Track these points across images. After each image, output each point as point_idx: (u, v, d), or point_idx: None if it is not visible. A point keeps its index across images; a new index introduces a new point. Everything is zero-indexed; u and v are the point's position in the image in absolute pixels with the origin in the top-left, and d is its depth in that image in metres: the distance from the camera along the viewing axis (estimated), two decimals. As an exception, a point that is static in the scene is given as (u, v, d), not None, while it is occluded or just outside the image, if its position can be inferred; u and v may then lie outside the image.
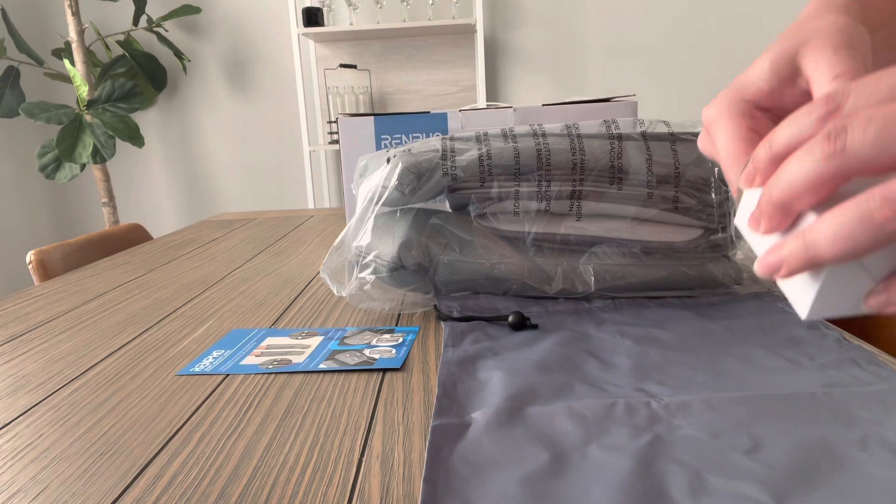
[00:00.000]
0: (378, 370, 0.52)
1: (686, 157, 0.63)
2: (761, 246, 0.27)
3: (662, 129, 0.65)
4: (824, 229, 0.22)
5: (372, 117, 0.82)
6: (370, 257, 0.64)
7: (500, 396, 0.44)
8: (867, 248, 0.22)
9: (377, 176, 0.64)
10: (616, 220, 0.64)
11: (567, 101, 0.82)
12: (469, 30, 2.64)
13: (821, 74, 0.29)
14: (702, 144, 0.34)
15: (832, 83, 0.28)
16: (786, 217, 0.25)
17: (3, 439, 0.44)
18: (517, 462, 0.36)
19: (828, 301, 0.25)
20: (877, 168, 0.22)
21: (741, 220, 0.28)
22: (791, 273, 0.24)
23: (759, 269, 0.25)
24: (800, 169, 0.23)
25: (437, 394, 0.45)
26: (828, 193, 0.23)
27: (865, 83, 0.23)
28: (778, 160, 0.25)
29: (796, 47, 0.31)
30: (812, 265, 0.23)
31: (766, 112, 0.32)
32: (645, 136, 0.64)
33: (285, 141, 2.90)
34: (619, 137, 0.64)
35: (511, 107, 0.81)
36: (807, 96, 0.31)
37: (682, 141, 0.64)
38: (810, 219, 0.24)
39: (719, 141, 0.31)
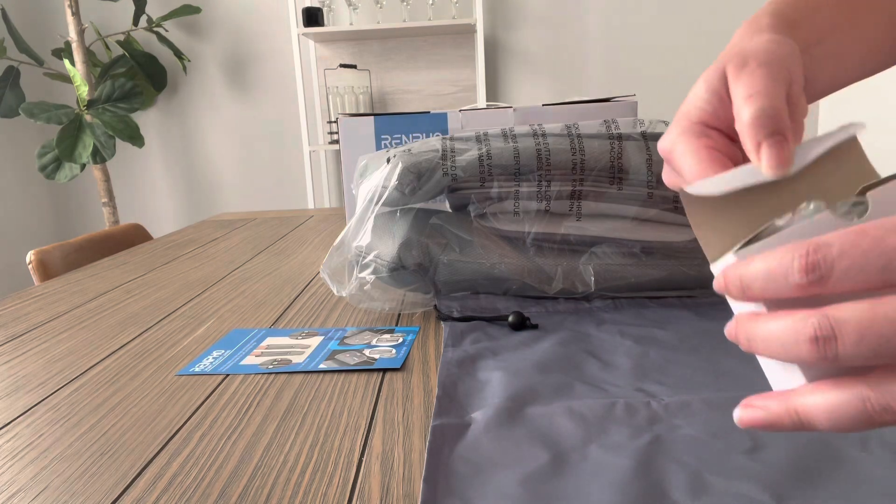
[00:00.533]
0: (378, 370, 0.52)
1: (686, 157, 0.63)
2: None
3: (662, 129, 0.65)
4: (819, 408, 0.23)
5: (372, 117, 0.82)
6: (370, 257, 0.64)
7: (500, 396, 0.44)
8: (860, 430, 0.22)
9: (377, 176, 0.64)
10: (616, 220, 0.64)
11: (567, 101, 0.82)
12: (469, 30, 2.64)
13: (736, 95, 0.30)
14: (667, 178, 0.34)
15: (746, 101, 0.29)
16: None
17: (3, 439, 0.44)
18: (517, 462, 0.36)
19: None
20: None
21: (716, 269, 0.27)
22: (781, 431, 0.24)
23: (740, 421, 0.25)
24: (782, 346, 0.22)
25: (437, 394, 0.45)
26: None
27: (853, 244, 0.21)
28: (751, 298, 0.24)
29: (723, 67, 0.32)
30: (805, 430, 0.24)
31: (716, 130, 0.32)
32: (645, 136, 0.64)
33: (285, 141, 2.90)
34: (619, 137, 0.64)
35: (511, 107, 0.81)
36: None
37: (682, 141, 0.64)
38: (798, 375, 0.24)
39: (684, 166, 0.31)
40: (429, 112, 0.81)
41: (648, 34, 2.73)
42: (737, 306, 0.26)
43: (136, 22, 2.63)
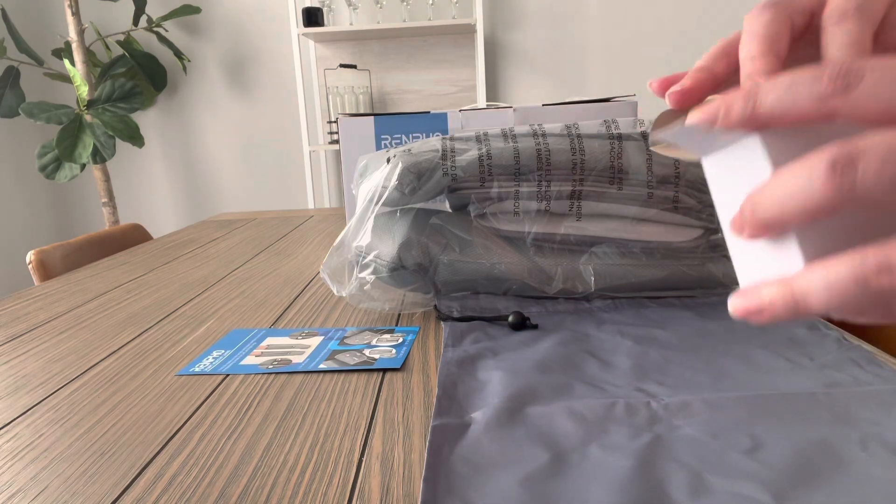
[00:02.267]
0: (378, 370, 0.52)
1: (686, 157, 0.63)
2: (737, 249, 0.25)
3: (662, 129, 0.65)
4: (815, 283, 0.21)
5: (372, 117, 0.82)
6: (370, 257, 0.64)
7: (500, 396, 0.44)
8: (859, 307, 0.20)
9: (377, 176, 0.64)
10: (616, 220, 0.64)
11: (567, 101, 0.82)
12: (469, 30, 2.63)
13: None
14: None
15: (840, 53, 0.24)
16: (771, 233, 0.23)
17: (3, 439, 0.44)
18: (517, 462, 0.36)
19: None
20: (882, 205, 0.20)
21: (717, 199, 0.25)
22: (773, 320, 0.22)
23: (735, 310, 0.23)
24: (794, 194, 0.21)
25: (437, 394, 0.45)
26: (822, 220, 0.22)
27: (886, 66, 0.20)
28: (759, 114, 0.22)
29: None
30: (799, 315, 0.22)
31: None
32: (645, 136, 0.64)
33: (285, 141, 2.90)
34: (619, 137, 0.64)
35: (511, 107, 0.81)
36: None
37: (682, 141, 0.64)
38: (793, 249, 0.22)
39: (752, 26, 0.26)
40: (429, 112, 0.81)
41: (649, 34, 2.73)
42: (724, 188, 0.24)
43: (136, 22, 2.63)
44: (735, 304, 0.23)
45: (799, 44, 0.28)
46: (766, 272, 0.24)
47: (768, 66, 0.26)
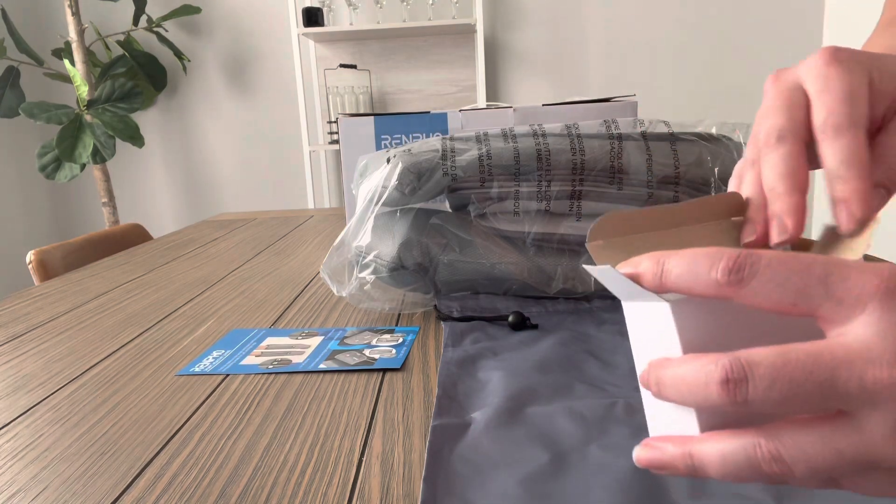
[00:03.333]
0: (378, 370, 0.52)
1: (686, 157, 0.63)
2: (648, 401, 0.26)
3: (662, 129, 0.65)
4: (712, 456, 0.23)
5: (372, 117, 0.82)
6: (370, 257, 0.64)
7: (500, 396, 0.44)
8: (751, 480, 0.22)
9: (377, 176, 0.64)
10: (616, 220, 0.64)
11: (567, 101, 0.82)
12: (469, 30, 2.63)
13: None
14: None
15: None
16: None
17: (3, 439, 0.44)
18: (517, 462, 0.36)
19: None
20: (771, 416, 0.22)
21: (632, 337, 0.27)
22: (675, 475, 0.25)
23: (638, 460, 0.25)
24: (692, 391, 0.22)
25: (437, 394, 0.45)
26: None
27: (782, 262, 0.22)
28: (666, 284, 0.24)
29: (868, 73, 0.28)
30: (699, 476, 0.24)
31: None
32: (645, 136, 0.64)
33: (285, 141, 2.90)
34: (619, 137, 0.64)
35: (511, 107, 0.81)
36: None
37: (682, 141, 0.64)
38: (691, 414, 0.24)
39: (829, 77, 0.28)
40: (429, 112, 0.81)
41: (648, 34, 2.73)
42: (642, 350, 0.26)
43: (136, 22, 2.63)
44: (640, 454, 0.25)
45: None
46: (670, 427, 0.25)
47: (794, 205, 0.27)
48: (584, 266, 0.27)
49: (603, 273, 0.25)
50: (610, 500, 0.32)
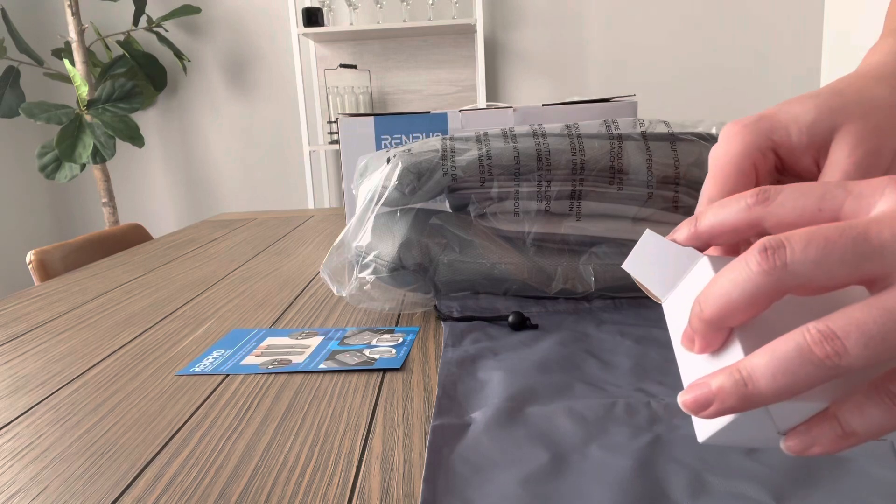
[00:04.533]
0: (378, 370, 0.52)
1: (686, 157, 0.63)
2: (689, 368, 0.25)
3: (662, 129, 0.65)
4: (762, 364, 0.21)
5: (372, 117, 0.82)
6: (370, 257, 0.64)
7: (500, 396, 0.44)
8: (808, 385, 0.21)
9: (377, 176, 0.64)
10: (616, 220, 0.64)
11: (567, 101, 0.82)
12: (469, 30, 2.64)
13: (833, 171, 0.30)
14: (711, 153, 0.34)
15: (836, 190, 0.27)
16: (720, 335, 0.24)
17: (3, 439, 0.44)
18: (517, 462, 0.36)
19: (731, 436, 0.24)
20: (811, 289, 0.22)
21: (675, 338, 0.26)
22: (725, 412, 0.22)
23: (684, 404, 0.23)
24: (734, 282, 0.22)
25: (437, 394, 0.45)
26: (762, 310, 0.23)
27: (796, 186, 0.24)
28: (700, 239, 0.26)
29: (838, 124, 0.30)
30: (751, 403, 0.22)
31: (777, 158, 0.31)
32: (645, 136, 0.64)
33: (285, 141, 2.90)
34: (619, 137, 0.64)
35: (511, 107, 0.81)
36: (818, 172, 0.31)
37: (682, 141, 0.64)
38: (736, 349, 0.23)
39: (717, 158, 0.31)
40: (429, 112, 0.81)
41: (648, 34, 2.73)
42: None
43: (136, 22, 2.63)
44: (685, 398, 0.23)
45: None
46: (707, 365, 0.25)
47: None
48: (623, 266, 0.28)
49: (642, 248, 0.26)
50: (610, 500, 0.32)
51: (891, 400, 0.21)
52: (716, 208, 0.25)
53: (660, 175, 0.62)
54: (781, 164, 0.32)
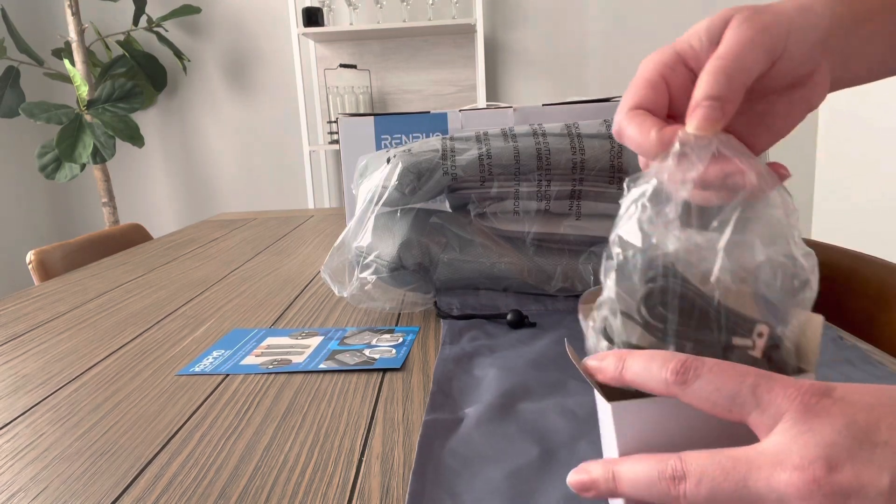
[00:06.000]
0: (378, 370, 0.52)
1: (685, 156, 0.63)
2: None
3: (662, 128, 0.65)
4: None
5: (372, 117, 0.82)
6: (370, 257, 0.65)
7: (493, 393, 0.44)
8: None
9: (377, 176, 0.64)
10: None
11: (567, 101, 0.82)
12: (469, 30, 2.63)
13: (700, 84, 0.31)
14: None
15: (703, 103, 0.30)
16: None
17: (3, 439, 0.44)
18: (506, 456, 0.36)
19: None
20: None
21: (604, 444, 0.31)
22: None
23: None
24: (647, 490, 0.26)
25: (431, 389, 0.46)
26: None
27: (722, 369, 0.26)
28: (622, 383, 0.28)
29: (731, 16, 0.32)
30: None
31: (689, 71, 0.33)
32: (644, 136, 0.64)
33: (285, 141, 2.90)
34: (619, 137, 0.64)
35: (511, 107, 0.81)
36: None
37: (682, 141, 0.64)
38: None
39: (634, 78, 0.33)
40: (429, 112, 0.81)
41: (648, 34, 2.73)
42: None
43: (136, 22, 2.63)
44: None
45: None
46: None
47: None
48: (568, 347, 0.32)
49: (580, 366, 0.30)
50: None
51: None
52: (643, 364, 0.27)
53: (659, 175, 0.62)
54: (696, 73, 0.32)
